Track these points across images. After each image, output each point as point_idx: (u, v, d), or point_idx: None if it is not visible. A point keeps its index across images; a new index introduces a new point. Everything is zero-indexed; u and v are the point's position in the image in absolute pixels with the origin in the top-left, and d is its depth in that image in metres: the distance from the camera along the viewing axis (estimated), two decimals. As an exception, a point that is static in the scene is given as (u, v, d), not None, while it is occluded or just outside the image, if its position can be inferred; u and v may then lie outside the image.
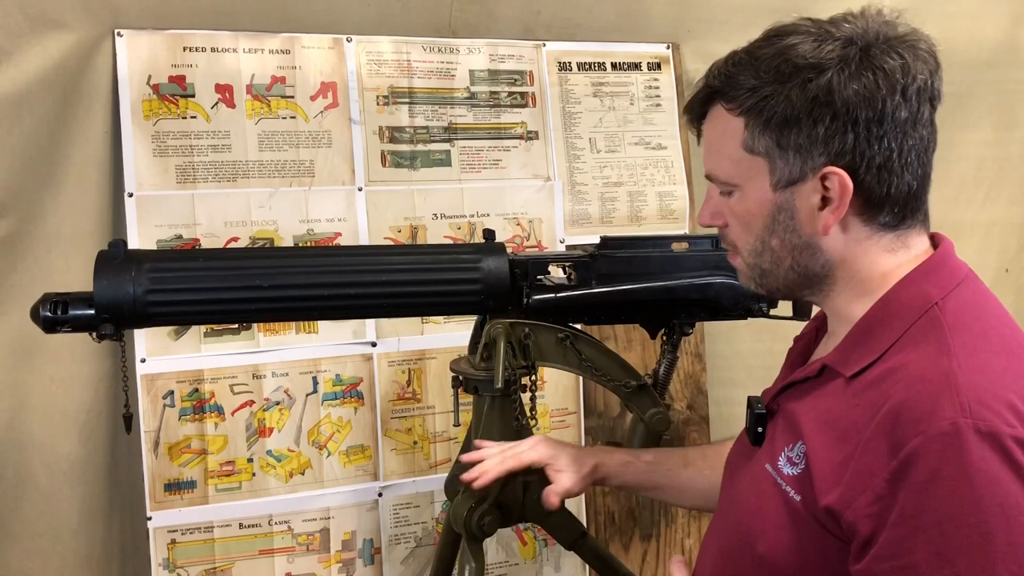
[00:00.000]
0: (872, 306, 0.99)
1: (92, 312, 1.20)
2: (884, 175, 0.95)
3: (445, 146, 1.92)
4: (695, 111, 1.04)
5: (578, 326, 1.43)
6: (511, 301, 1.36)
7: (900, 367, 0.92)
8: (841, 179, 0.94)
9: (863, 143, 0.94)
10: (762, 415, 1.07)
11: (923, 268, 0.98)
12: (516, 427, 1.38)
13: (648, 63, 2.08)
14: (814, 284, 1.02)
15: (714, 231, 1.16)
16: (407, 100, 1.90)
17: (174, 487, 1.72)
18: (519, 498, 1.40)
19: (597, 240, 1.44)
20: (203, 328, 1.73)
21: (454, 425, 1.49)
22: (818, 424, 0.97)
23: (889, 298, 0.98)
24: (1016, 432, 0.83)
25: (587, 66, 2.04)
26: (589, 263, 1.39)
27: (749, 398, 1.11)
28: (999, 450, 0.83)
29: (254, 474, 1.77)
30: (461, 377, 1.40)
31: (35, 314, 1.20)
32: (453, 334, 1.87)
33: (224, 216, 1.76)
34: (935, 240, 1.02)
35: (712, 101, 1.01)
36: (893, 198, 0.96)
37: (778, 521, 0.96)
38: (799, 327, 1.38)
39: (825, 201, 0.96)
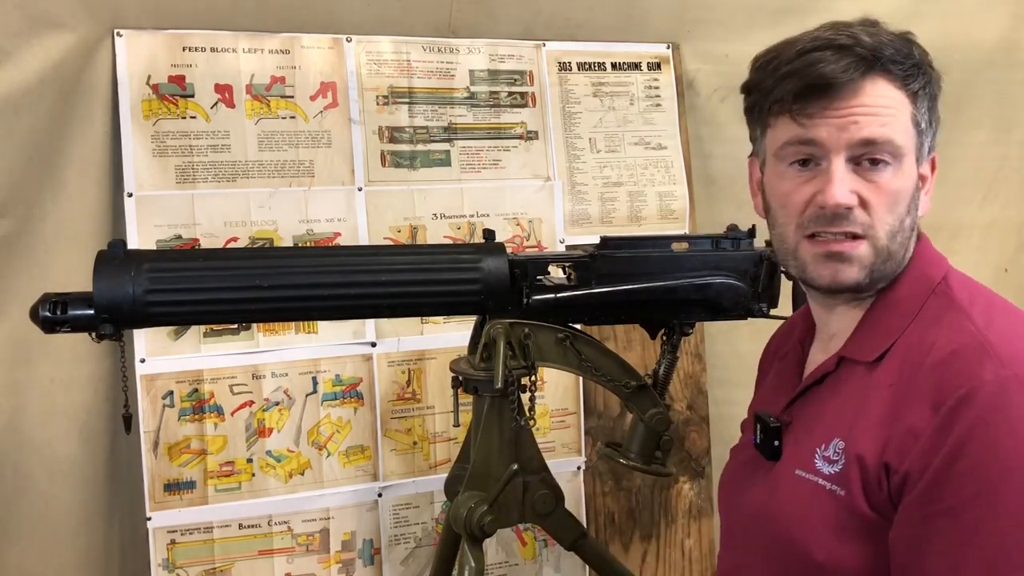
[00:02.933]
0: (878, 295, 1.02)
1: (91, 312, 1.20)
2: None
3: (445, 146, 1.92)
4: (851, 76, 0.95)
5: (578, 326, 1.43)
6: (511, 301, 1.36)
7: (924, 341, 0.95)
8: (935, 161, 1.03)
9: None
10: (777, 428, 1.06)
11: (918, 255, 1.03)
12: (515, 427, 1.38)
13: (648, 63, 2.08)
14: (896, 273, 1.02)
15: (713, 231, 1.16)
16: (407, 100, 1.90)
17: (174, 487, 1.72)
18: (519, 498, 1.40)
19: (597, 240, 1.44)
20: (203, 328, 1.73)
21: (454, 425, 1.49)
22: (852, 415, 0.97)
23: (896, 286, 1.02)
24: None
25: (587, 66, 2.04)
26: (589, 263, 1.39)
27: (758, 414, 1.10)
28: None
29: (254, 474, 1.76)
30: (461, 377, 1.40)
31: (35, 314, 1.20)
32: (453, 334, 1.86)
33: (224, 216, 1.76)
34: None
35: (872, 70, 0.96)
36: None
37: (831, 524, 0.95)
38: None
39: (922, 182, 1.02)
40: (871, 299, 1.03)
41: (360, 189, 1.84)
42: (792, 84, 0.96)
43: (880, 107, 0.95)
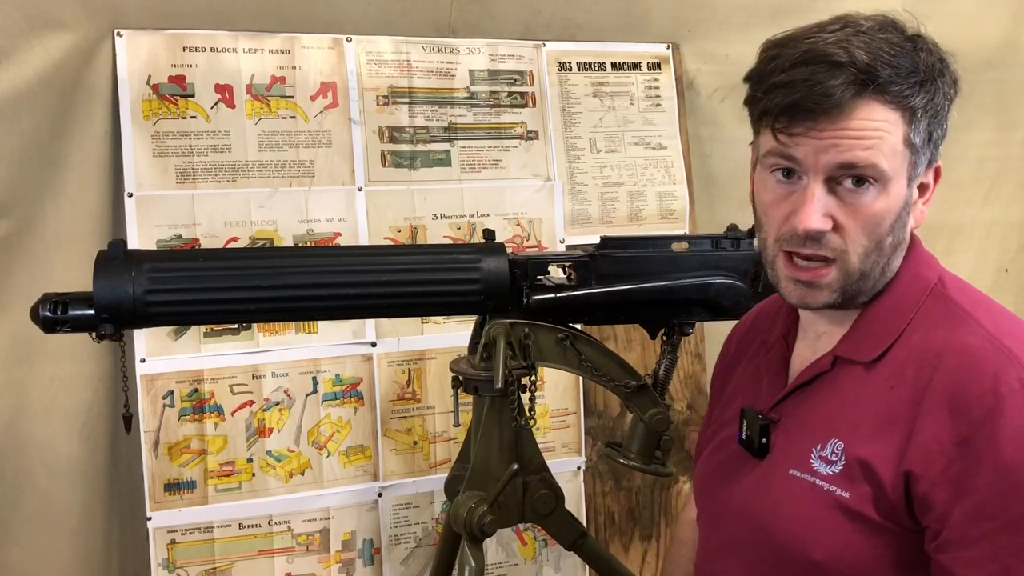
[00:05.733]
0: (875, 296, 1.01)
1: (92, 312, 1.20)
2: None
3: (445, 146, 1.92)
4: (838, 101, 0.91)
5: (578, 326, 1.43)
6: (511, 301, 1.36)
7: (930, 345, 0.94)
8: (939, 172, 1.00)
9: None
10: (765, 426, 1.05)
11: (911, 257, 1.02)
12: (515, 427, 1.38)
13: (648, 63, 2.08)
14: (873, 290, 1.00)
15: (713, 231, 1.15)
16: (407, 100, 1.90)
17: (174, 487, 1.72)
18: (519, 498, 1.40)
19: (597, 240, 1.44)
20: (203, 328, 1.73)
21: (454, 425, 1.49)
22: (852, 415, 0.97)
23: (891, 289, 1.01)
24: None
25: (587, 66, 2.04)
26: (589, 263, 1.39)
27: (744, 410, 1.10)
28: None
29: (254, 474, 1.76)
30: (461, 377, 1.40)
31: (35, 314, 1.20)
32: (453, 334, 1.86)
33: (224, 216, 1.76)
34: None
35: (863, 91, 0.91)
36: None
37: (830, 524, 0.95)
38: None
39: (920, 193, 0.99)
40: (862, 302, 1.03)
41: (360, 189, 1.84)
42: (779, 98, 0.93)
43: (868, 130, 0.91)
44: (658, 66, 2.08)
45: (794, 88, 0.92)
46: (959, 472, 0.86)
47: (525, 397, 1.39)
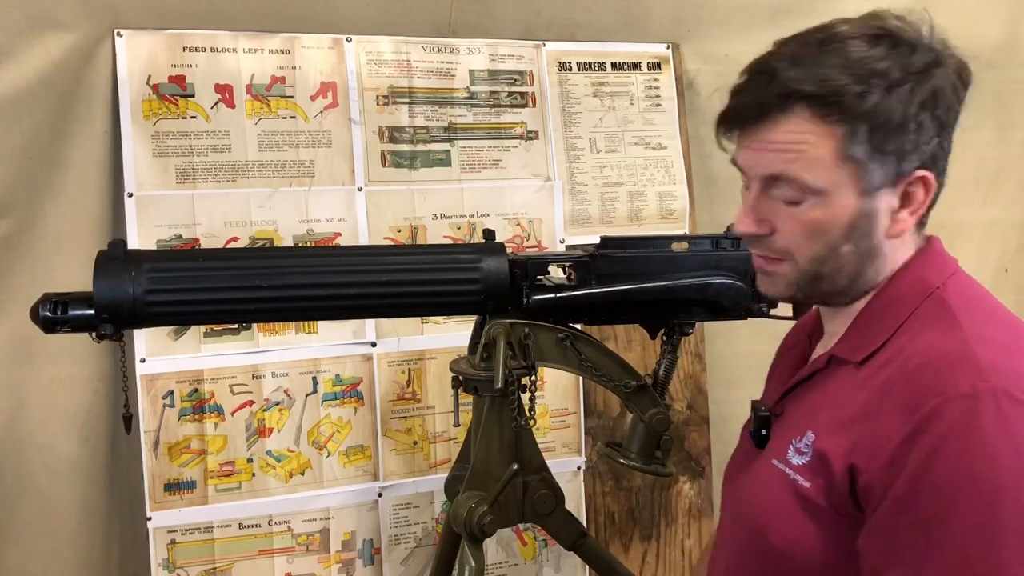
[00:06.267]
0: (874, 295, 1.02)
1: (92, 312, 1.20)
2: (944, 172, 0.99)
3: (445, 146, 1.92)
4: (758, 114, 0.94)
5: (578, 326, 1.43)
6: (511, 301, 1.36)
7: (911, 346, 0.94)
8: (927, 182, 0.97)
9: (945, 144, 0.97)
10: (766, 417, 1.08)
11: (921, 258, 1.02)
12: (515, 427, 1.38)
13: (648, 63, 2.08)
14: (856, 291, 1.01)
15: (713, 231, 1.16)
16: (407, 100, 1.90)
17: (174, 487, 1.72)
18: (519, 498, 1.40)
19: (597, 240, 1.44)
20: (203, 328, 1.73)
21: (454, 425, 1.49)
22: (828, 411, 0.98)
23: (891, 286, 1.01)
24: None
25: (587, 66, 2.04)
26: (589, 263, 1.39)
27: (753, 402, 1.13)
28: (1015, 413, 0.85)
29: (254, 474, 1.77)
30: (461, 377, 1.40)
31: (35, 314, 1.20)
32: (453, 334, 1.86)
33: (224, 216, 1.76)
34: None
35: (790, 105, 0.93)
36: (938, 195, 1.01)
37: (790, 511, 0.98)
38: (799, 328, 1.38)
39: (903, 203, 0.97)
40: (864, 301, 1.03)
41: (360, 189, 1.84)
42: (727, 106, 0.98)
43: (790, 143, 0.93)
44: (658, 66, 2.08)
45: (736, 97, 0.97)
46: (897, 468, 0.88)
47: (525, 397, 1.39)
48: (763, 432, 1.08)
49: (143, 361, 1.70)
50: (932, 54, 0.96)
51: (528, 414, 1.39)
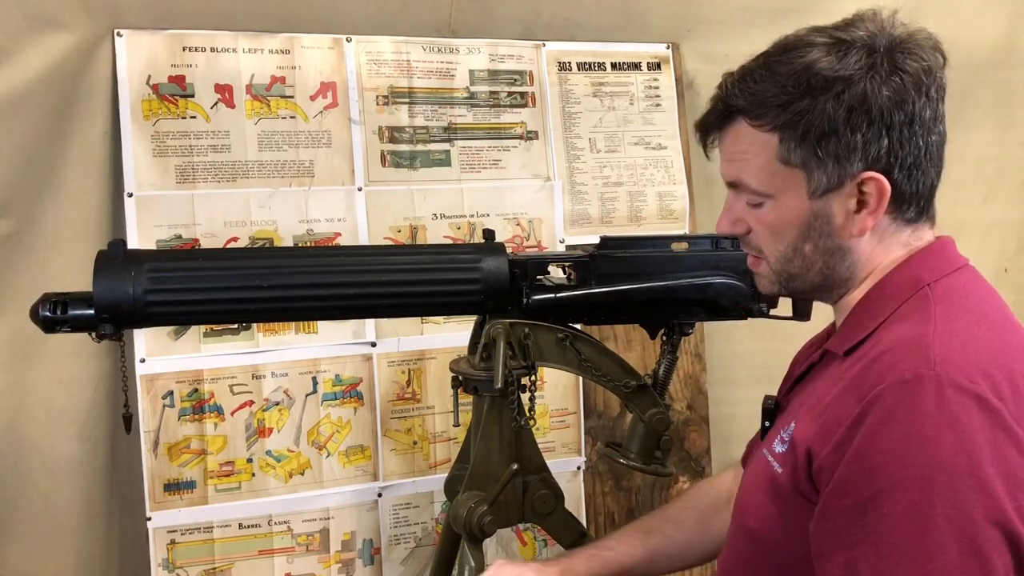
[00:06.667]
0: (868, 290, 1.03)
1: (91, 312, 1.19)
2: (914, 172, 0.99)
3: (445, 146, 1.92)
4: (710, 128, 1.05)
5: (578, 326, 1.43)
6: (511, 301, 1.36)
7: (883, 339, 0.96)
8: (879, 183, 0.98)
9: (896, 145, 0.97)
10: (769, 409, 1.13)
11: (919, 256, 1.03)
12: (515, 427, 1.38)
13: (648, 63, 2.08)
14: (836, 286, 1.06)
15: (712, 231, 1.17)
16: (407, 100, 1.90)
17: (174, 487, 1.72)
18: (519, 498, 1.40)
19: (597, 240, 1.44)
20: (203, 328, 1.73)
21: (454, 425, 1.49)
22: (809, 402, 1.02)
23: (883, 281, 1.02)
24: (978, 389, 0.86)
25: (587, 66, 2.04)
26: (589, 263, 1.39)
27: (765, 396, 1.17)
28: (956, 400, 0.86)
29: (254, 474, 1.77)
30: (461, 377, 1.40)
31: (35, 314, 1.20)
32: (453, 334, 1.86)
33: (224, 216, 1.76)
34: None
35: (732, 118, 1.02)
36: (920, 193, 1.01)
37: (764, 495, 1.02)
38: (798, 327, 1.39)
39: (861, 204, 0.99)
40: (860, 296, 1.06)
41: (360, 189, 1.84)
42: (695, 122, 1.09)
43: (736, 151, 1.02)
44: (658, 66, 2.08)
45: (704, 113, 1.07)
46: (841, 452, 0.90)
47: (525, 397, 1.39)
48: (766, 424, 1.12)
49: (143, 361, 1.70)
50: (872, 57, 0.96)
51: (528, 414, 1.38)
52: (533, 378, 1.37)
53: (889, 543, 0.85)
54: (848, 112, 0.95)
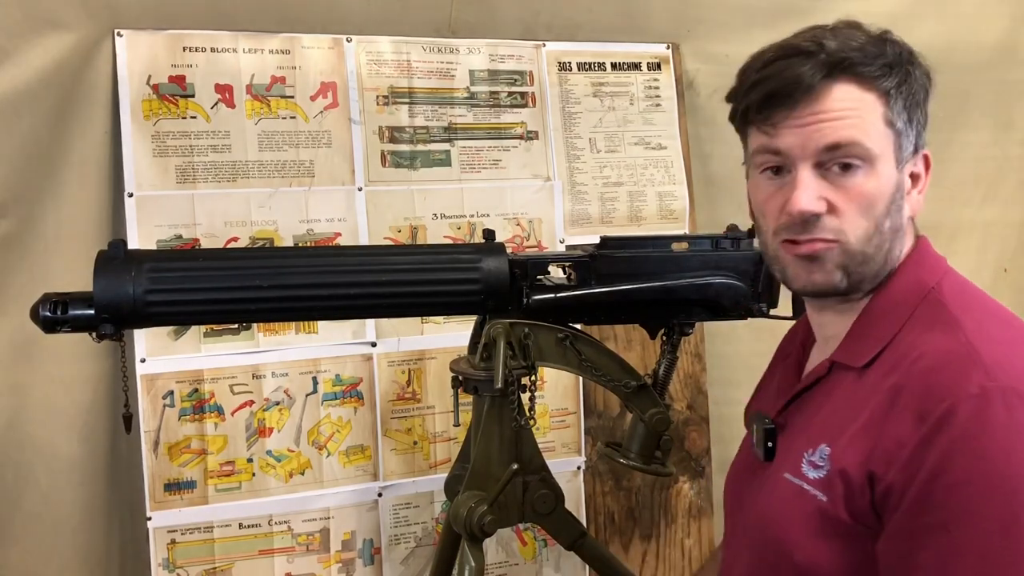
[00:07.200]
0: (871, 299, 1.02)
1: (92, 312, 1.19)
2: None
3: (445, 146, 1.92)
4: (806, 83, 0.94)
5: (578, 326, 1.43)
6: (511, 301, 1.36)
7: (914, 349, 0.94)
8: (928, 157, 1.00)
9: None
10: (771, 430, 1.07)
11: (914, 258, 1.02)
12: (515, 427, 1.38)
13: (648, 63, 2.08)
14: (879, 277, 1.01)
15: (713, 231, 1.16)
16: (407, 100, 1.90)
17: (174, 487, 1.72)
18: (519, 498, 1.40)
19: (597, 240, 1.44)
20: (203, 328, 1.73)
21: (454, 425, 1.49)
22: (839, 421, 0.97)
23: (888, 289, 1.01)
24: None
25: (587, 66, 2.04)
26: (589, 263, 1.39)
27: (754, 415, 1.12)
28: (1023, 408, 0.86)
29: (254, 474, 1.77)
30: (461, 377, 1.40)
31: (35, 314, 1.20)
32: (453, 334, 1.86)
33: (224, 216, 1.76)
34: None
35: (835, 74, 0.95)
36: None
37: (812, 528, 0.96)
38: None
39: (914, 180, 1.00)
40: (861, 302, 1.03)
41: (360, 189, 1.84)
42: (756, 94, 0.97)
43: (845, 110, 0.94)
44: (658, 66, 2.08)
45: (769, 81, 0.96)
46: (913, 472, 0.88)
47: (525, 397, 1.39)
48: (769, 445, 1.06)
49: (143, 361, 1.70)
50: (907, 47, 1.00)
51: (528, 414, 1.39)
52: (533, 378, 1.37)
53: (981, 558, 0.84)
54: (926, 85, 0.98)
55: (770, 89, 0.96)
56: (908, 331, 0.97)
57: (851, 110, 0.94)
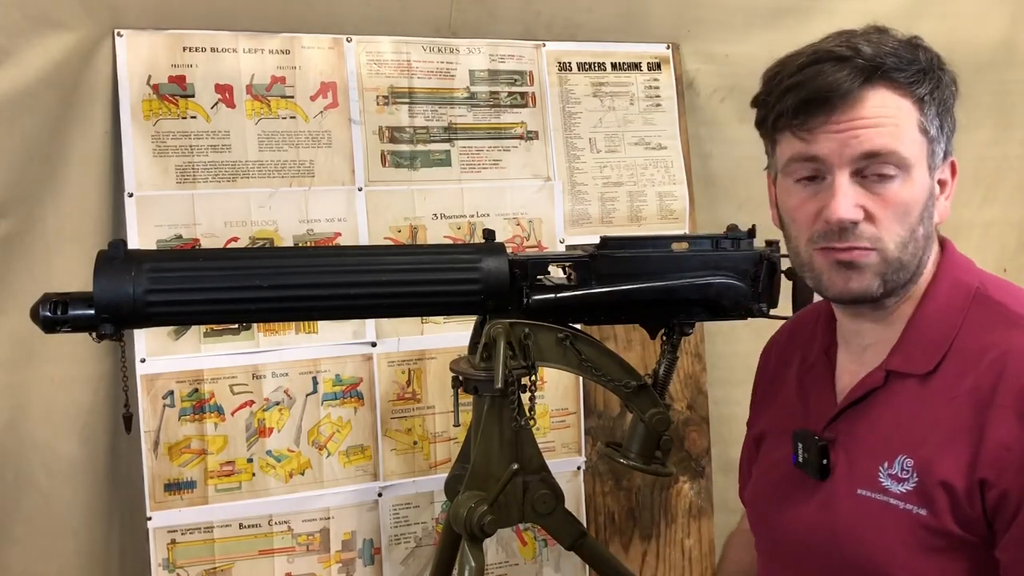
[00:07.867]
0: (917, 306, 1.00)
1: (92, 312, 1.19)
2: None
3: (445, 146, 1.92)
4: (845, 88, 0.93)
5: (578, 326, 1.43)
6: (511, 301, 1.36)
7: (988, 350, 0.93)
8: (955, 164, 0.99)
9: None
10: (825, 447, 1.03)
11: (947, 261, 1.02)
12: (515, 427, 1.38)
13: (648, 63, 2.08)
14: (911, 284, 1.00)
15: (713, 231, 1.15)
16: (407, 100, 1.90)
17: (174, 487, 1.72)
18: (519, 498, 1.40)
19: (597, 240, 1.44)
20: (203, 328, 1.73)
21: (454, 425, 1.49)
22: (913, 430, 0.95)
23: (932, 294, 1.00)
24: None
25: (587, 66, 2.04)
26: (589, 263, 1.39)
27: (798, 432, 1.07)
28: None
29: (254, 474, 1.77)
30: (461, 377, 1.40)
31: (35, 314, 1.20)
32: (453, 334, 1.86)
33: (224, 216, 1.76)
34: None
35: (873, 80, 0.93)
36: None
37: (913, 544, 0.93)
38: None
39: (941, 187, 0.99)
40: (901, 309, 1.01)
41: (360, 189, 1.84)
42: (792, 99, 0.95)
43: (882, 117, 0.93)
44: (658, 66, 2.08)
45: (804, 86, 0.94)
46: None
47: (525, 397, 1.39)
48: (824, 462, 1.02)
49: (143, 361, 1.70)
50: (935, 52, 0.99)
51: (528, 414, 1.38)
52: (533, 378, 1.37)
53: None
54: (952, 91, 0.97)
55: (806, 94, 0.94)
56: (968, 332, 0.95)
57: (888, 117, 0.93)
